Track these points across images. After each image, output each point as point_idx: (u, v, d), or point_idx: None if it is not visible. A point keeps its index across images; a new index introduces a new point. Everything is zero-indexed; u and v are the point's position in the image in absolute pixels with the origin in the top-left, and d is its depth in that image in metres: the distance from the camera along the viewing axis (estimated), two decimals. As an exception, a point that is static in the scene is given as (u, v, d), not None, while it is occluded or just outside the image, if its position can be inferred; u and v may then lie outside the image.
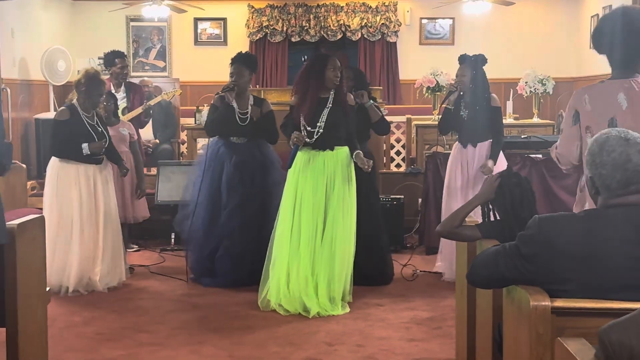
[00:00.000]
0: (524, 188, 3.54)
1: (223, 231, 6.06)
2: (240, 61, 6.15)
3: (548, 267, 2.52)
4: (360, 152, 5.56)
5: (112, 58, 7.27)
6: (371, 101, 6.22)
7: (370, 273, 6.01)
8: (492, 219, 3.61)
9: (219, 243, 6.08)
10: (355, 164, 5.57)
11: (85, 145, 5.88)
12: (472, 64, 6.03)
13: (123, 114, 7.21)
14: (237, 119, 6.10)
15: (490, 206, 3.61)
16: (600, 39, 3.64)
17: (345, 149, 5.55)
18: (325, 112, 5.46)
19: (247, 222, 6.02)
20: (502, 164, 6.02)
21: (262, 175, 6.13)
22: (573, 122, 3.63)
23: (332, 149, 5.49)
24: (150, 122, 8.28)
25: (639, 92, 3.53)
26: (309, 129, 5.47)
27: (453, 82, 6.24)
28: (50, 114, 8.93)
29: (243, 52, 6.38)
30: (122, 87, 7.33)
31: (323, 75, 5.46)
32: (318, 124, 5.45)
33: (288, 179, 5.53)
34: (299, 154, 5.52)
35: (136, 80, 8.51)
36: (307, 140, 5.48)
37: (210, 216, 6.10)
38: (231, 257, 6.03)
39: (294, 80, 5.78)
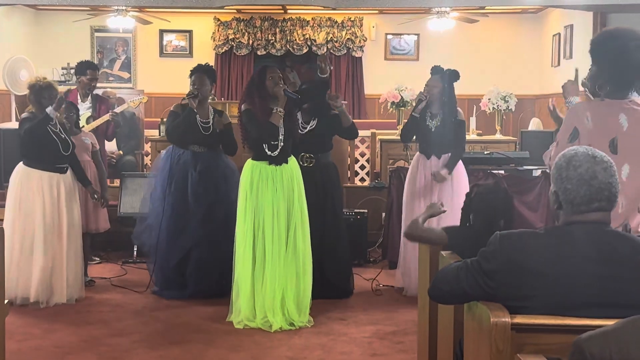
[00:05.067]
0: (500, 197, 3.59)
1: (191, 241, 6.04)
2: (201, 71, 6.24)
3: (509, 284, 2.54)
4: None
5: (85, 68, 7.23)
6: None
7: (337, 285, 6.05)
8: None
9: (186, 253, 6.05)
10: (324, 172, 5.83)
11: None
12: (445, 78, 6.12)
13: (87, 122, 7.14)
14: (200, 128, 6.12)
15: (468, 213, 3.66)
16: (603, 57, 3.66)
17: (294, 159, 5.62)
18: (281, 123, 5.48)
19: (214, 231, 6.02)
20: (462, 176, 6.09)
21: (225, 184, 6.15)
22: (570, 139, 3.61)
23: (287, 162, 5.52)
24: (114, 133, 8.20)
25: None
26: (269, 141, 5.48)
27: (423, 90, 6.25)
28: (13, 124, 8.84)
29: (203, 64, 6.43)
30: (89, 98, 7.27)
31: (264, 87, 5.48)
32: (280, 137, 5.46)
33: (241, 194, 5.47)
34: (252, 167, 5.49)
35: (99, 92, 8.42)
36: (268, 152, 5.48)
37: (175, 226, 6.07)
38: (201, 267, 6.01)
39: (240, 99, 5.82)
